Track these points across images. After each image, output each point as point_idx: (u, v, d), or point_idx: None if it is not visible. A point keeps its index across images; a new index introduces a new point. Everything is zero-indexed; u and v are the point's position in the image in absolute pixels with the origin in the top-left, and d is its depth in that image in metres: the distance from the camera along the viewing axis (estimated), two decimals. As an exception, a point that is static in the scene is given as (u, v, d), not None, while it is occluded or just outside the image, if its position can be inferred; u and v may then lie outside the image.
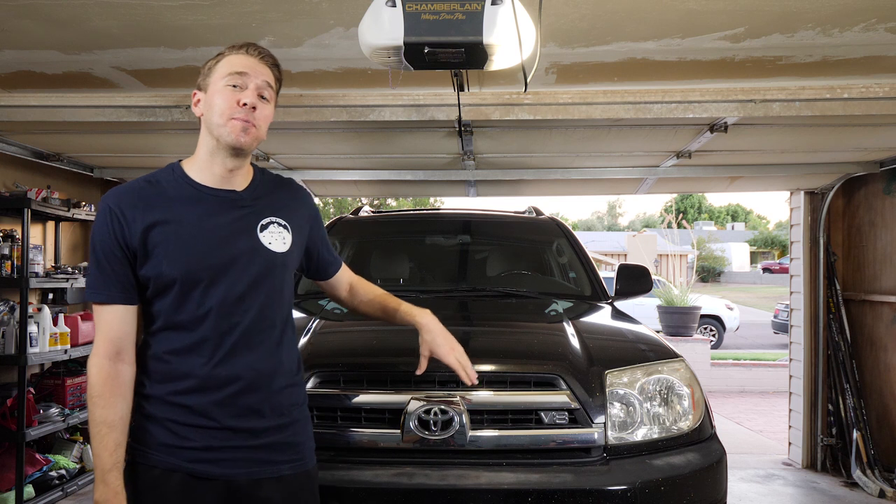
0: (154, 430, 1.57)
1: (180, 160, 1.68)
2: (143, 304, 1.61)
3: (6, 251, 3.96)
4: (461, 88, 2.82)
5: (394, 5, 1.93)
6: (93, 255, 1.58)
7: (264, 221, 1.66)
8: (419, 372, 1.95)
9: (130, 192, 1.59)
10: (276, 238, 1.66)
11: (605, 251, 26.82)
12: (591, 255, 3.89)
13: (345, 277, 2.00)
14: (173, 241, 1.55)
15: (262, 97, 1.62)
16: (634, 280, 3.54)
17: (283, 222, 1.69)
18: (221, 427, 1.57)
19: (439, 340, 1.90)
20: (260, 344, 1.62)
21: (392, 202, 19.35)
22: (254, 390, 1.60)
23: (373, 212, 4.51)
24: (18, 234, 4.00)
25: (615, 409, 2.16)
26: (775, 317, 14.10)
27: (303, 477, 1.69)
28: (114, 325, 1.56)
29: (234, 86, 1.59)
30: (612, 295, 3.50)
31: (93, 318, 4.61)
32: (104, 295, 1.56)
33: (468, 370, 1.90)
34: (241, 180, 1.67)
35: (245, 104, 1.58)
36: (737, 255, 41.63)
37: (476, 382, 1.93)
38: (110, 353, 1.55)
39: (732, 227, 59.30)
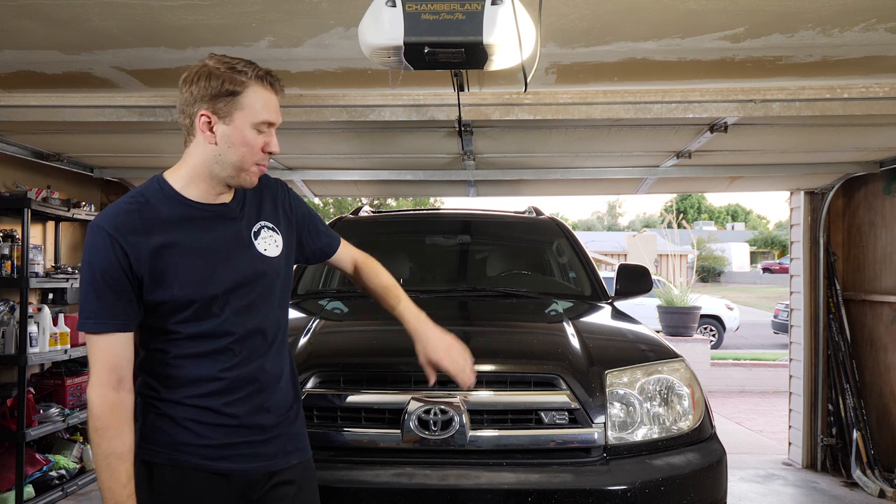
0: (171, 430, 1.58)
1: (162, 173, 1.64)
2: (151, 318, 1.57)
3: (6, 251, 3.96)
4: (461, 88, 2.82)
5: (394, 5, 1.93)
6: (89, 284, 1.51)
7: (255, 228, 1.67)
8: (431, 383, 1.87)
9: (127, 215, 1.53)
10: (270, 243, 1.67)
11: (605, 251, 26.82)
12: (591, 255, 3.89)
13: (346, 256, 1.96)
14: (180, 265, 1.53)
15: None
16: (634, 280, 3.54)
17: (271, 225, 1.70)
18: (239, 425, 1.60)
19: (433, 346, 1.82)
20: (269, 347, 1.66)
21: (392, 202, 19.35)
22: (265, 390, 1.64)
23: (373, 212, 4.51)
24: (18, 234, 4.00)
25: (615, 409, 2.16)
26: (775, 317, 14.10)
27: (307, 464, 1.75)
28: (114, 353, 1.52)
29: (261, 131, 1.57)
30: (612, 295, 3.50)
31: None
32: (106, 325, 1.51)
33: (466, 373, 1.82)
34: (228, 192, 1.66)
35: (271, 152, 1.59)
36: (737, 255, 41.64)
37: (472, 385, 1.85)
38: (112, 383, 1.51)
39: (732, 227, 59.30)
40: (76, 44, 2.72)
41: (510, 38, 1.95)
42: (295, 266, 1.95)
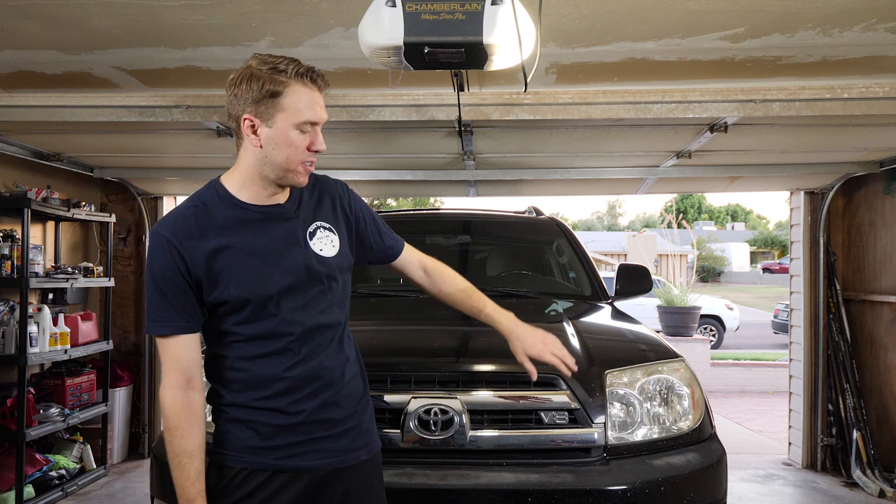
0: (240, 433, 1.60)
1: (219, 177, 1.67)
2: (213, 321, 1.61)
3: (6, 251, 3.96)
4: (461, 88, 2.82)
5: (394, 5, 1.93)
6: (153, 288, 1.57)
7: (311, 228, 1.67)
8: (534, 379, 1.85)
9: (183, 221, 1.58)
10: (326, 243, 1.68)
11: (605, 251, 26.82)
12: (591, 255, 3.89)
13: (413, 260, 1.94)
14: (235, 266, 1.56)
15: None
16: (634, 280, 3.54)
17: (328, 225, 1.71)
18: (307, 421, 1.60)
19: (529, 342, 1.83)
20: (329, 344, 1.65)
21: (392, 202, 19.35)
22: (330, 385, 1.64)
23: (373, 212, 4.50)
24: (18, 234, 4.00)
25: (615, 409, 2.16)
26: (775, 317, 14.10)
27: (374, 460, 1.74)
28: (182, 354, 1.57)
29: (304, 131, 1.56)
30: (612, 295, 3.50)
31: (86, 320, 4.60)
32: (171, 327, 1.56)
33: (567, 361, 1.83)
34: (283, 193, 1.67)
35: (317, 150, 1.58)
36: (737, 255, 41.64)
37: (575, 370, 1.85)
38: (182, 384, 1.56)
39: (732, 227, 59.31)
40: (76, 44, 2.72)
41: (510, 38, 1.95)
42: None
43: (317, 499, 1.62)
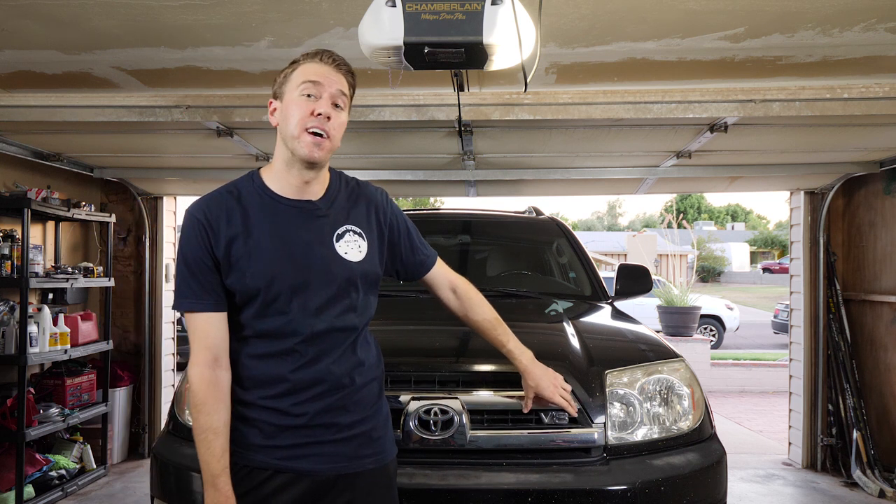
0: (246, 430, 1.61)
1: (259, 168, 1.70)
2: (231, 313, 1.63)
3: (6, 251, 3.96)
4: (461, 88, 2.82)
5: (394, 5, 1.93)
6: (182, 266, 1.60)
7: (340, 231, 1.67)
8: (526, 410, 2.02)
9: (216, 203, 1.62)
10: (352, 247, 1.67)
11: (605, 251, 26.83)
12: (591, 255, 3.89)
13: (442, 278, 1.94)
14: (254, 254, 1.58)
15: (336, 105, 1.62)
16: (634, 280, 3.54)
17: (358, 230, 1.70)
18: (311, 424, 1.60)
19: (543, 384, 1.97)
20: (339, 348, 1.64)
21: (392, 202, 19.32)
22: (336, 389, 1.63)
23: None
24: (18, 234, 4.00)
25: (615, 409, 2.16)
26: (775, 317, 14.11)
27: (384, 470, 1.72)
28: (209, 332, 1.59)
29: (309, 95, 1.59)
30: (612, 295, 3.50)
31: (86, 320, 4.60)
32: (198, 304, 1.58)
33: (572, 404, 2.01)
34: (317, 189, 1.68)
35: (319, 114, 1.58)
36: (737, 255, 41.66)
37: (574, 414, 2.03)
38: (209, 361, 1.58)
39: (732, 227, 59.33)
40: (76, 44, 2.73)
41: (510, 38, 1.95)
42: None
43: (318, 503, 1.61)
